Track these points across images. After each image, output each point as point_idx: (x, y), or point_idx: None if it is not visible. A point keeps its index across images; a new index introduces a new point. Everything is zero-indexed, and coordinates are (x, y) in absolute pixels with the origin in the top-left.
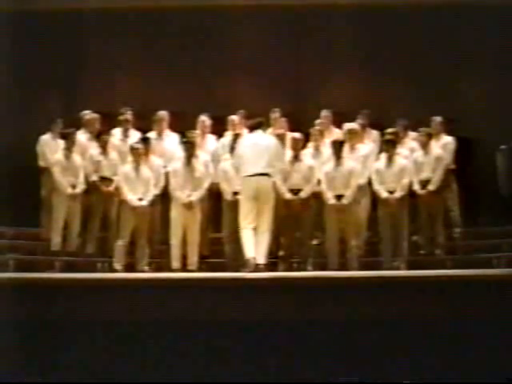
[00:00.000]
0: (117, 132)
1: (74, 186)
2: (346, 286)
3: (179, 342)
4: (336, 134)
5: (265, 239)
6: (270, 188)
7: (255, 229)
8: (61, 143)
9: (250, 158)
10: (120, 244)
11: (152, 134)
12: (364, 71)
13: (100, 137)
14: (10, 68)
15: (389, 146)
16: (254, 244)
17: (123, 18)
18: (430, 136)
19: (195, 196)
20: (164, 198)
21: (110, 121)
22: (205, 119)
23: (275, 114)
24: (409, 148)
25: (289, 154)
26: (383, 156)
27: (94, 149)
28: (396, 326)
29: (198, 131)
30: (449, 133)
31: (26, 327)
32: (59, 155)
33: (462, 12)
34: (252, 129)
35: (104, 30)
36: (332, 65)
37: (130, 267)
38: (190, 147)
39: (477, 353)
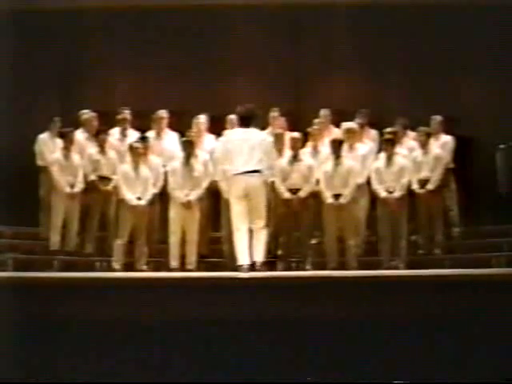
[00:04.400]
0: (115, 131)
1: (72, 186)
2: (344, 286)
3: (178, 341)
4: (335, 133)
5: (262, 237)
6: (260, 185)
7: (250, 229)
8: (59, 142)
9: (240, 154)
10: (119, 243)
11: (151, 134)
12: (363, 70)
13: (98, 136)
14: (9, 67)
15: (388, 145)
16: (252, 243)
17: (122, 17)
18: (429, 135)
19: (194, 195)
20: (163, 197)
21: (108, 120)
22: (201, 119)
23: (274, 113)
24: (408, 147)
25: (288, 153)
26: (382, 155)
27: (92, 148)
28: (395, 325)
29: (194, 130)
30: (448, 132)
31: (25, 326)
32: (57, 154)
33: (461, 10)
34: (242, 118)
35: (103, 30)
36: (331, 64)
37: (128, 266)
38: (188, 146)
39: (476, 352)
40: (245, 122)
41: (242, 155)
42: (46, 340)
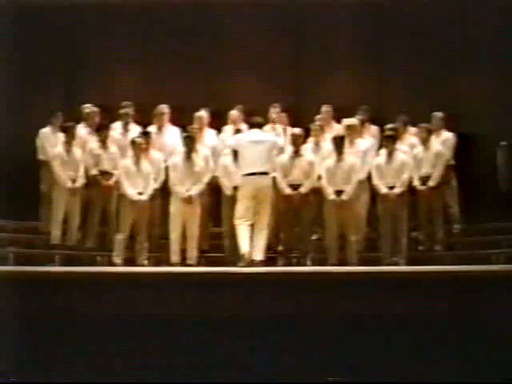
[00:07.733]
0: (117, 126)
1: (73, 180)
2: (345, 282)
3: (178, 336)
4: (336, 129)
5: (263, 236)
6: (269, 186)
7: (252, 225)
8: (61, 137)
9: (249, 156)
10: (119, 238)
11: (152, 128)
12: (364, 67)
13: (100, 130)
14: (11, 63)
15: (389, 141)
16: (252, 241)
17: (123, 13)
18: (429, 132)
19: (194, 190)
20: (164, 192)
21: (110, 115)
22: (202, 114)
23: (276, 109)
24: (409, 144)
25: (289, 149)
26: (383, 152)
27: (93, 142)
28: (395, 321)
29: (195, 126)
30: (449, 129)
31: (26, 320)
32: (59, 149)
33: (461, 8)
34: (251, 126)
35: (104, 25)
36: (332, 60)
37: (129, 261)
38: (190, 142)
39: (476, 349)
40: (254, 127)
41: (251, 157)
42: (46, 334)
